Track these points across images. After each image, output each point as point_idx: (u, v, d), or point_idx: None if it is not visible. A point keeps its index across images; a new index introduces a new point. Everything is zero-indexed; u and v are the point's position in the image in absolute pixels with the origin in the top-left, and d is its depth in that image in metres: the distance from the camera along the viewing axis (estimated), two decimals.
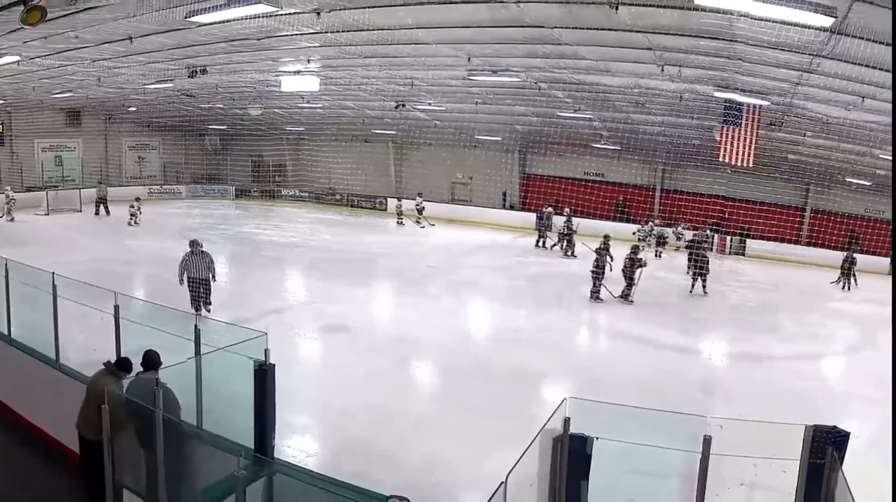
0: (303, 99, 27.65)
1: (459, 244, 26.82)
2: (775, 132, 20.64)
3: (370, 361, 12.04)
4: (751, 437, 5.27)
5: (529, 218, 31.10)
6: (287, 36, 15.13)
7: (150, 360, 6.61)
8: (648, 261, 18.60)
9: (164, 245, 22.06)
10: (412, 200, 31.83)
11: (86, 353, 8.54)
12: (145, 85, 23.70)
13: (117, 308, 8.13)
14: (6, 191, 27.57)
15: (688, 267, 20.79)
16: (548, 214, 27.08)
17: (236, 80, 23.50)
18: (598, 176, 31.55)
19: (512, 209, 34.11)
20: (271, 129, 37.20)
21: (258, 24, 13.28)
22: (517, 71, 18.03)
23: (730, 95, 16.79)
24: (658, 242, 25.76)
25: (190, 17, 11.96)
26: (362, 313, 15.78)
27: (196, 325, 7.43)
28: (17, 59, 17.86)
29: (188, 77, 20.53)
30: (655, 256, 24.20)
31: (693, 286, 19.32)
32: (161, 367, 6.54)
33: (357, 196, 37.66)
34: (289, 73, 21.08)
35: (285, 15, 12.84)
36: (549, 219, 26.83)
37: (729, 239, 27.85)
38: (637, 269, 17.58)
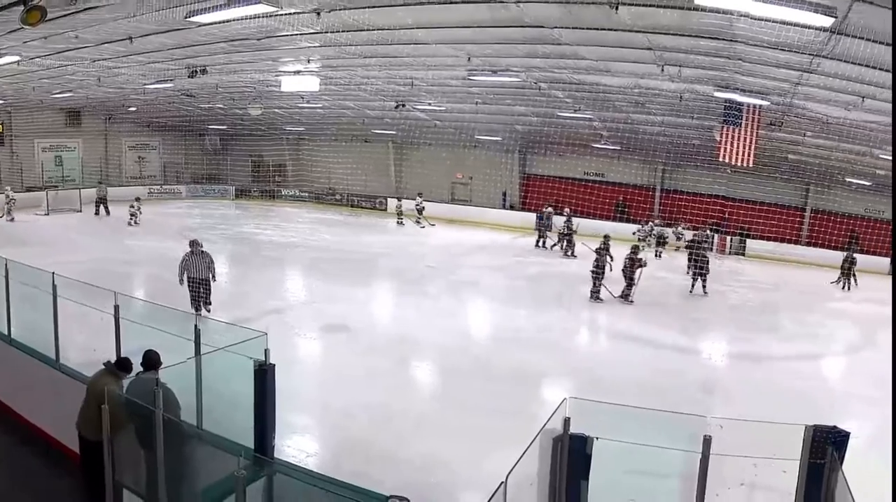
0: (303, 99, 27.64)
1: (459, 244, 26.82)
2: (775, 132, 20.64)
3: (370, 361, 12.04)
4: (751, 437, 5.27)
5: (529, 218, 31.11)
6: (287, 36, 15.13)
7: (150, 360, 6.62)
8: (648, 261, 18.61)
9: (164, 245, 22.05)
10: (412, 200, 31.81)
11: (86, 353, 8.54)
12: (145, 85, 23.70)
13: (117, 308, 8.13)
14: (6, 192, 27.56)
15: (688, 267, 20.80)
16: (548, 214, 27.08)
17: (236, 80, 23.50)
18: (598, 176, 31.56)
19: (512, 209, 34.09)
20: (271, 129, 37.21)
21: (258, 24, 13.29)
22: (517, 71, 18.03)
23: (730, 95, 16.79)
24: (658, 242, 25.77)
25: (190, 17, 11.97)
26: (362, 313, 15.78)
27: (196, 325, 7.43)
28: (17, 59, 17.86)
29: (188, 77, 20.54)
30: (655, 256, 24.20)
31: (693, 286, 19.33)
32: (161, 367, 6.54)
33: (357, 196, 37.64)
34: (289, 73, 21.08)
35: (285, 15, 12.84)
36: (549, 219, 26.84)
37: (729, 239, 27.85)
38: (637, 269, 17.59)
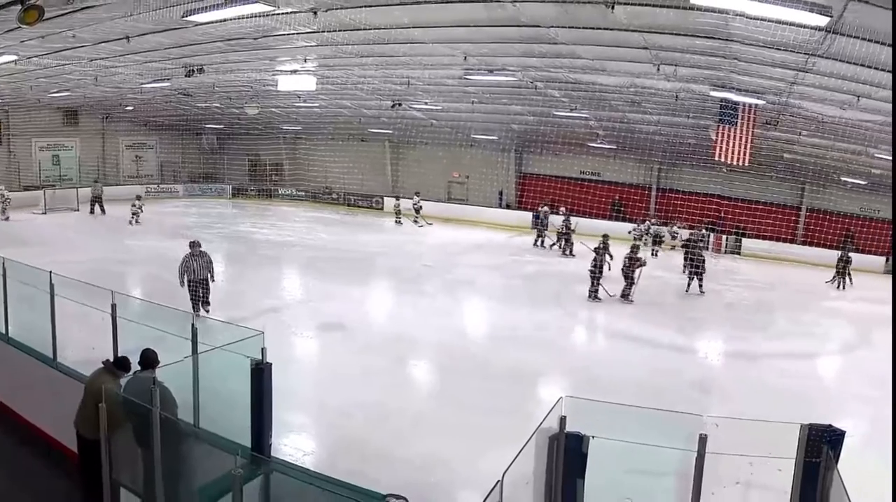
0: (299, 98, 27.63)
1: (456, 243, 26.81)
2: (771, 131, 20.69)
3: (367, 360, 12.05)
4: (746, 436, 5.30)
5: (526, 217, 31.23)
6: (284, 35, 15.12)
7: (148, 359, 6.63)
8: (645, 260, 18.62)
9: (162, 244, 22.10)
10: (409, 199, 31.80)
11: (83, 352, 8.54)
12: (142, 84, 23.68)
13: (114, 307, 8.13)
14: (1, 191, 27.50)
15: (684, 266, 20.84)
16: (544, 213, 27.13)
17: (233, 79, 23.47)
18: (594, 175, 31.61)
19: (508, 208, 34.12)
20: (268, 129, 37.24)
21: (255, 23, 13.27)
22: (513, 70, 18.06)
23: (726, 94, 16.83)
24: (654, 241, 25.81)
25: (187, 17, 11.98)
26: (359, 312, 15.77)
27: (193, 324, 7.43)
28: (15, 58, 17.85)
29: (185, 76, 20.55)
30: (652, 255, 24.22)
31: (689, 285, 19.30)
32: (158, 366, 6.55)
33: (354, 195, 37.62)
34: (285, 72, 21.07)
35: (282, 14, 12.84)
36: (546, 218, 26.87)
37: (725, 238, 27.90)
38: (637, 269, 17.60)
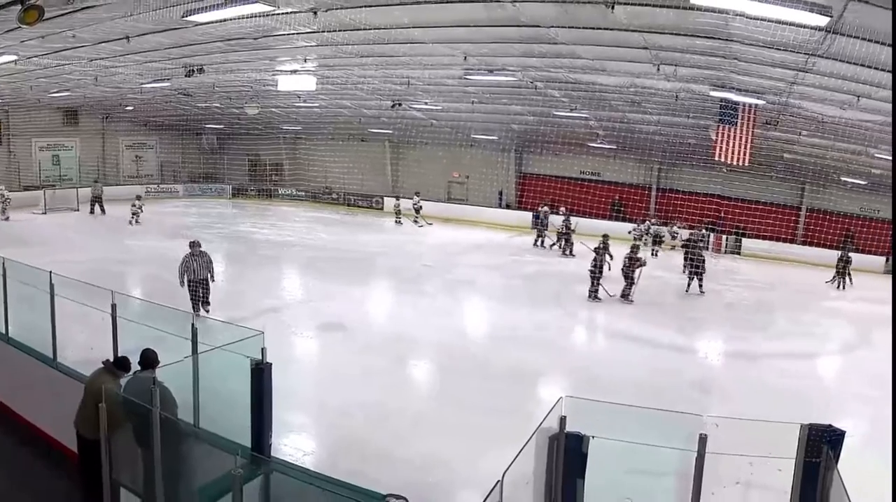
0: (299, 98, 27.63)
1: (456, 243, 26.81)
2: (771, 131, 20.69)
3: (367, 360, 12.05)
4: (746, 436, 5.29)
5: (526, 217, 31.24)
6: (284, 35, 15.13)
7: (148, 359, 6.63)
8: (645, 260, 18.61)
9: (162, 244, 22.14)
10: (409, 199, 31.79)
11: (83, 352, 8.54)
12: (142, 84, 23.67)
13: (114, 307, 8.13)
14: (0, 191, 27.49)
15: (684, 266, 20.83)
16: (544, 213, 27.14)
17: (233, 79, 23.47)
18: (594, 175, 31.60)
19: (508, 208, 34.13)
20: (268, 129, 37.25)
21: (255, 23, 13.27)
22: (513, 70, 18.06)
23: (726, 94, 16.83)
24: (654, 241, 25.80)
25: (187, 17, 11.98)
26: (359, 312, 15.78)
27: (193, 324, 7.43)
28: (15, 58, 17.86)
29: (185, 76, 20.55)
30: (652, 255, 24.22)
31: (689, 285, 19.26)
32: (158, 366, 6.55)
33: (354, 195, 37.63)
34: (285, 72, 21.07)
35: (282, 14, 12.85)
36: (546, 217, 26.87)
37: (725, 238, 27.90)
38: (637, 269, 17.59)
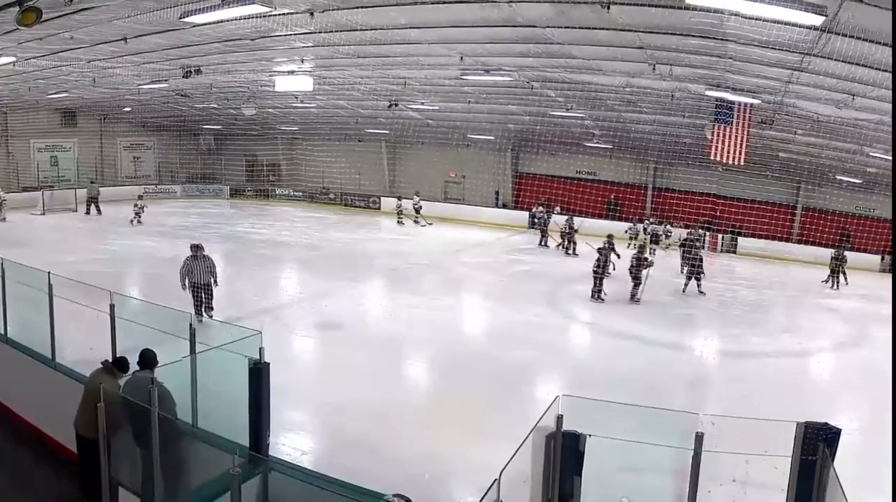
0: (297, 99, 27.62)
1: (453, 242, 26.83)
2: (766, 130, 20.74)
3: (365, 358, 12.09)
4: (743, 434, 5.32)
5: (522, 216, 31.34)
6: (281, 36, 15.16)
7: (147, 359, 6.65)
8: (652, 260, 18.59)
9: (160, 245, 22.28)
10: (410, 200, 31.82)
11: (82, 352, 8.55)
12: (140, 85, 23.67)
13: (113, 307, 8.13)
14: None
15: (682, 266, 20.83)
16: (541, 213, 27.19)
17: (230, 80, 23.50)
18: (590, 174, 31.65)
19: (505, 208, 34.20)
20: (265, 129, 37.26)
21: (252, 24, 13.31)
22: (509, 70, 18.09)
23: (721, 94, 16.86)
24: (651, 240, 25.82)
25: (184, 18, 11.98)
26: (357, 311, 15.81)
27: (191, 324, 7.45)
28: (13, 59, 17.85)
29: (183, 77, 20.55)
30: (650, 254, 24.21)
31: (686, 285, 19.21)
32: (157, 366, 6.57)
33: (351, 195, 37.68)
34: (283, 72, 21.08)
35: (279, 15, 12.87)
36: (548, 217, 26.91)
37: (720, 237, 27.96)
38: (644, 269, 17.59)
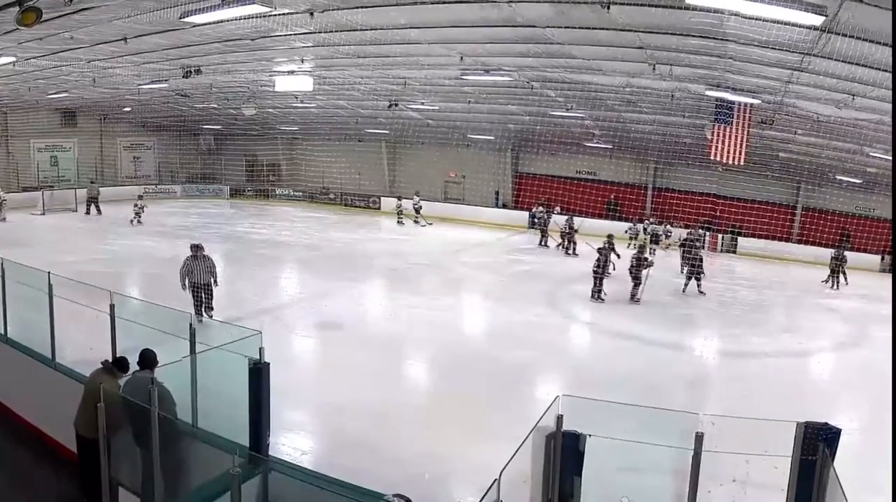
0: (296, 99, 27.63)
1: (453, 242, 26.84)
2: (766, 130, 20.74)
3: (365, 358, 12.09)
4: (743, 434, 5.32)
5: (522, 216, 31.34)
6: (281, 36, 15.16)
7: (147, 359, 6.65)
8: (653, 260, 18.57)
9: (159, 245, 22.29)
10: (410, 200, 31.82)
11: (82, 352, 8.55)
12: (140, 85, 23.68)
13: (112, 307, 8.13)
14: None
15: (682, 265, 20.82)
16: (540, 213, 27.19)
17: (230, 80, 23.50)
18: (590, 174, 31.64)
19: (504, 208, 34.21)
20: (265, 129, 37.27)
21: (252, 24, 13.31)
22: (509, 70, 18.09)
23: (721, 94, 16.86)
24: (651, 240, 25.80)
25: (184, 18, 11.99)
26: (357, 311, 15.82)
27: (191, 324, 7.45)
28: (13, 60, 17.86)
29: (183, 77, 20.55)
30: (650, 253, 24.20)
31: (686, 285, 19.19)
32: (157, 366, 6.57)
33: (351, 195, 37.70)
34: (283, 73, 21.09)
35: (279, 15, 12.87)
36: (548, 217, 26.91)
37: (720, 237, 27.95)
38: (644, 269, 17.59)
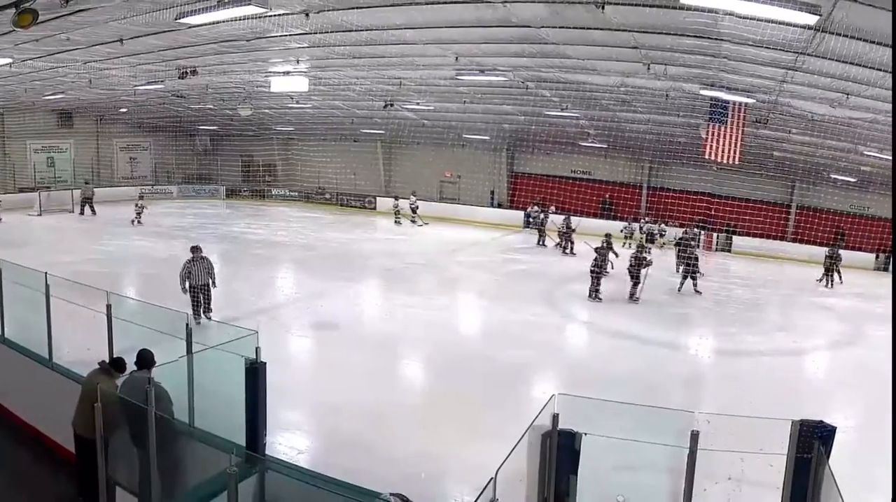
0: (292, 99, 27.63)
1: (449, 242, 26.84)
2: (761, 129, 20.77)
3: (360, 358, 12.10)
4: (738, 432, 5.34)
5: (518, 216, 31.38)
6: (276, 37, 15.17)
7: (144, 359, 6.66)
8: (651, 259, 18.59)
9: (156, 245, 22.30)
10: (407, 199, 31.81)
11: (79, 352, 8.56)
12: (136, 86, 23.65)
13: (109, 307, 8.14)
14: None
15: (677, 265, 20.85)
16: (536, 212, 27.20)
17: (226, 80, 23.49)
18: (585, 174, 31.65)
19: (500, 207, 34.21)
20: (261, 130, 37.24)
21: (248, 25, 13.33)
22: (504, 70, 18.12)
23: (715, 93, 16.88)
24: (647, 239, 25.82)
25: (180, 19, 11.98)
26: (352, 310, 15.82)
27: (187, 324, 7.46)
28: (10, 61, 17.84)
29: (178, 78, 20.53)
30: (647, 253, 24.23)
31: (682, 284, 19.21)
32: (154, 366, 6.59)
33: (346, 195, 37.70)
34: (278, 73, 21.08)
35: (274, 16, 12.88)
36: (545, 217, 26.94)
37: (715, 235, 27.99)
38: (643, 268, 17.62)
